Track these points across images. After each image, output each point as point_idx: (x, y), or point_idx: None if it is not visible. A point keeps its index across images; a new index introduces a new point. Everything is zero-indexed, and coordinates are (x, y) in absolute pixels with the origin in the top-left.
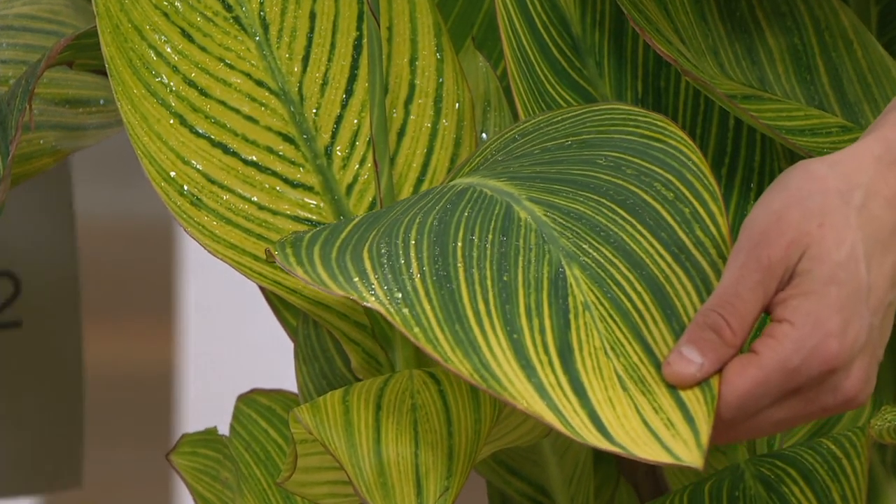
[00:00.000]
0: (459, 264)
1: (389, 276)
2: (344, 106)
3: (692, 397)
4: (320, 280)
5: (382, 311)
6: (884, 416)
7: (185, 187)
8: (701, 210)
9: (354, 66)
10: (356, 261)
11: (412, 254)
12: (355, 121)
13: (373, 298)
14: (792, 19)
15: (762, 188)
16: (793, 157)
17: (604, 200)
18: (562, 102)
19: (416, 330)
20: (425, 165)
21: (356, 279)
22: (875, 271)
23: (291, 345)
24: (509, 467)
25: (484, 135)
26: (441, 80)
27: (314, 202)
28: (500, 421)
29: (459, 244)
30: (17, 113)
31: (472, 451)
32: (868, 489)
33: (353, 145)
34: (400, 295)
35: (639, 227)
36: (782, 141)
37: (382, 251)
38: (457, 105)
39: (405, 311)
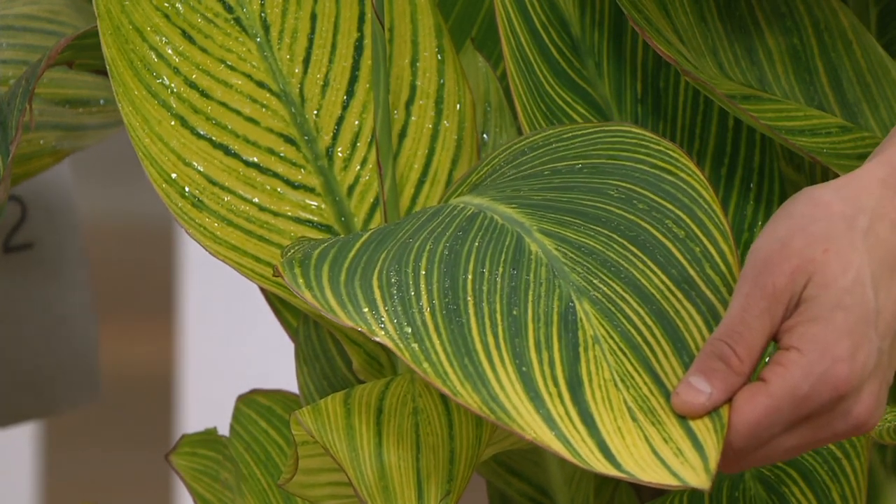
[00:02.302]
0: (469, 298)
1: (399, 308)
2: (345, 107)
3: (702, 427)
4: (329, 307)
5: (392, 346)
6: (884, 417)
7: (187, 189)
8: (711, 249)
9: (355, 68)
10: (366, 289)
11: (422, 285)
12: (356, 122)
13: (382, 333)
14: (791, 20)
15: (762, 188)
16: (793, 157)
17: (615, 236)
18: (561, 103)
19: (426, 365)
20: (427, 167)
21: (366, 310)
22: (883, 295)
23: (292, 345)
24: (510, 468)
25: (485, 136)
26: (442, 81)
27: (315, 203)
28: None
29: (470, 276)
30: (17, 113)
31: (473, 455)
32: (868, 489)
33: (354, 146)
34: (410, 329)
35: (649, 263)
36: (782, 141)
37: (392, 280)
38: (458, 106)
39: (415, 346)
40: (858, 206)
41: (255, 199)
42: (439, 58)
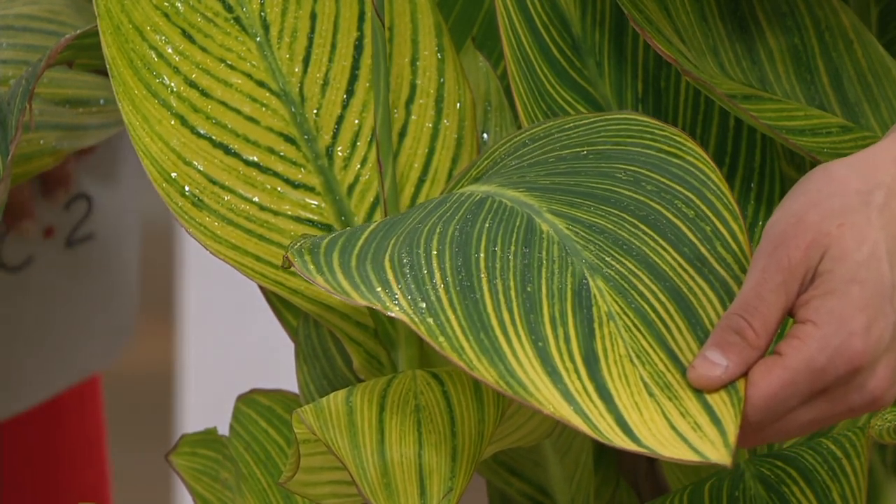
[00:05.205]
0: (483, 275)
1: (413, 285)
2: (345, 106)
3: (718, 401)
4: (342, 289)
5: (407, 320)
6: (884, 416)
7: (187, 188)
8: (722, 228)
9: (355, 67)
10: (378, 270)
11: (435, 264)
12: (356, 121)
13: (397, 308)
14: (792, 19)
15: (762, 188)
16: (793, 157)
17: (625, 216)
18: (562, 103)
19: (442, 339)
20: (427, 166)
21: (379, 289)
22: None
23: (292, 345)
24: (510, 468)
25: (485, 135)
26: (442, 80)
27: (315, 203)
28: (504, 421)
29: (482, 255)
30: (17, 113)
31: (475, 452)
32: (868, 489)
33: (354, 146)
34: (424, 305)
35: (661, 241)
36: (783, 141)
37: (404, 261)
38: (458, 105)
39: (430, 320)
40: (874, 181)
41: (256, 199)
42: (439, 57)
